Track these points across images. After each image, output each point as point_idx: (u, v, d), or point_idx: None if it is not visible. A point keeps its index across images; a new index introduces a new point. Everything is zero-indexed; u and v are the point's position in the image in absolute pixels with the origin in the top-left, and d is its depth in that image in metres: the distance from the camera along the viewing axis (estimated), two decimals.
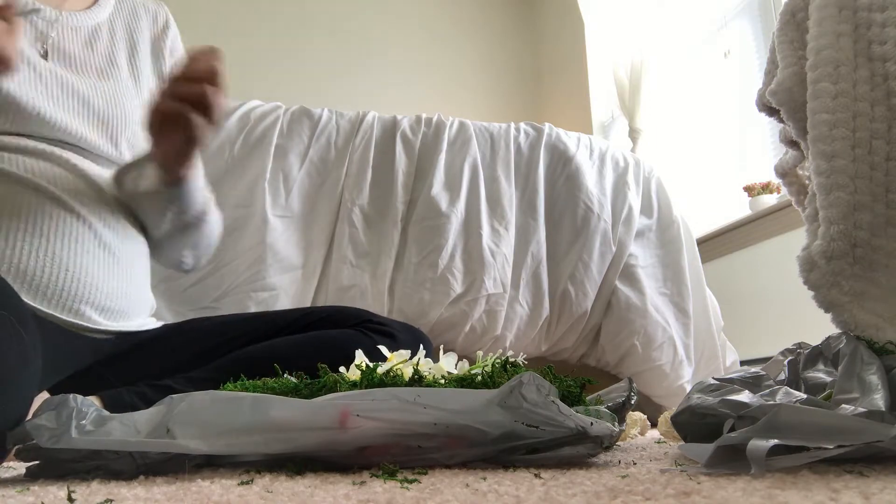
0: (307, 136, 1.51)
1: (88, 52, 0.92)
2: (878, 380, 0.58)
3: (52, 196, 0.80)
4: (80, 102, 0.87)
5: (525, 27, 3.64)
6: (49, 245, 0.78)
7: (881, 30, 0.75)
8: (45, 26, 0.88)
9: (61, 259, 0.79)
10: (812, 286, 0.74)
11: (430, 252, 1.45)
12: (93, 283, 0.82)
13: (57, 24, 0.90)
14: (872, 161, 0.73)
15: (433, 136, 1.56)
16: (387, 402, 0.53)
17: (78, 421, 0.54)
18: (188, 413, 0.54)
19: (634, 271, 1.57)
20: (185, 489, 0.46)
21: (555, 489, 0.44)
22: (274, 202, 1.43)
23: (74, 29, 0.92)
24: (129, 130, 0.93)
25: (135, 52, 1.00)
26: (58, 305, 0.79)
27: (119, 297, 0.86)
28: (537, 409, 0.54)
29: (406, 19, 3.44)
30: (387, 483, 0.48)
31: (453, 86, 3.42)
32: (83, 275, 0.81)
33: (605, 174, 1.64)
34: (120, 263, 0.86)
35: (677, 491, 0.42)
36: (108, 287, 0.84)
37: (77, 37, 0.92)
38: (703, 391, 0.65)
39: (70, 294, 0.79)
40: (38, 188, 0.79)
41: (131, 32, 1.00)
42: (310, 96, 2.53)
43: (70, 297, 0.79)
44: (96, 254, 0.83)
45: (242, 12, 3.08)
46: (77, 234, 0.81)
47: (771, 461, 0.47)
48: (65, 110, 0.85)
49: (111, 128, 0.91)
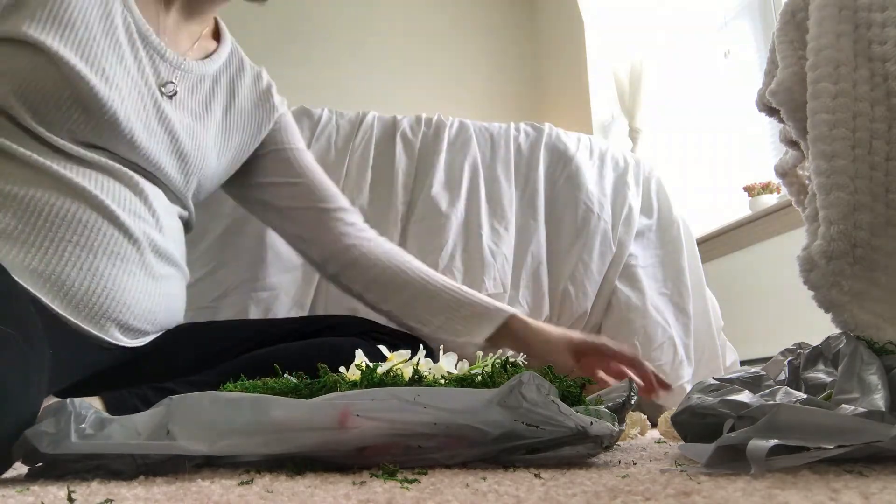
0: (307, 136, 1.50)
1: (189, 96, 0.98)
2: (878, 380, 0.58)
3: (110, 215, 0.83)
4: (170, 138, 0.92)
5: (525, 27, 3.64)
6: (94, 260, 0.81)
7: (881, 30, 0.75)
8: (168, 71, 0.94)
9: (102, 275, 0.81)
10: (812, 286, 0.74)
11: (430, 252, 1.45)
12: (126, 303, 0.84)
13: (178, 72, 0.95)
14: (872, 161, 0.73)
15: (433, 136, 1.56)
16: (387, 401, 0.53)
17: (77, 425, 0.54)
18: (188, 414, 0.54)
19: (634, 271, 1.57)
20: (185, 489, 0.46)
21: (555, 489, 0.44)
22: None
23: (185, 74, 0.97)
24: (202, 172, 0.98)
25: (231, 102, 1.05)
26: (85, 317, 0.80)
27: (147, 320, 0.88)
28: (537, 409, 0.54)
29: (406, 19, 3.44)
30: (387, 483, 0.48)
31: (453, 86, 3.41)
32: (119, 293, 0.83)
33: (605, 174, 1.64)
34: (159, 288, 0.89)
35: (677, 491, 0.42)
36: (140, 309, 0.86)
37: (184, 81, 0.97)
38: (703, 391, 0.65)
39: (101, 310, 0.81)
40: (99, 205, 0.82)
41: (233, 85, 1.06)
42: (310, 96, 2.53)
43: (100, 312, 0.81)
44: (139, 276, 0.85)
45: (242, 12, 3.08)
46: (124, 254, 0.84)
47: (771, 461, 0.47)
48: (154, 141, 0.90)
49: (188, 165, 0.95)
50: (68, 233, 0.79)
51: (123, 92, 0.86)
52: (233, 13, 1.11)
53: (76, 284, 0.79)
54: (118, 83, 0.85)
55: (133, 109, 0.87)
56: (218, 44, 1.06)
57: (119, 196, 0.85)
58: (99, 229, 0.82)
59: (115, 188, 0.85)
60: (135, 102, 0.87)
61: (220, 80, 1.04)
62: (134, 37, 0.90)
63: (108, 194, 0.84)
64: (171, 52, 0.94)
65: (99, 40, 0.85)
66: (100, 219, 0.82)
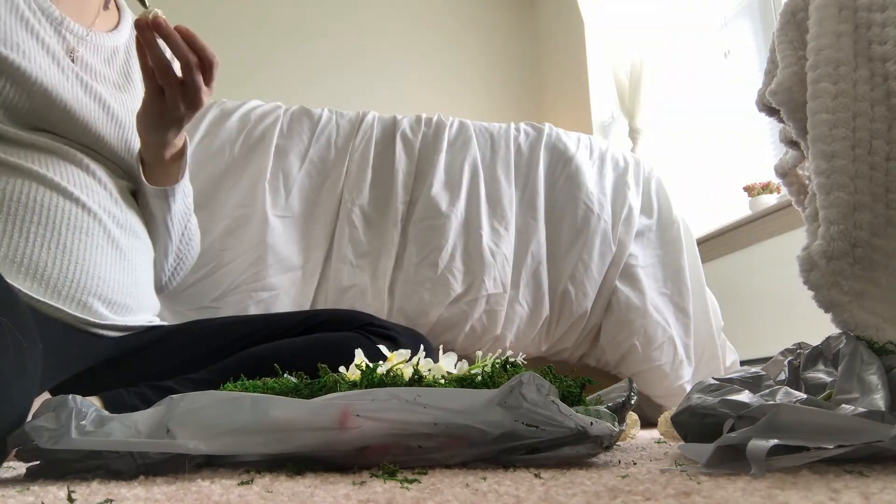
0: (307, 136, 1.51)
1: (107, 68, 0.98)
2: (878, 380, 0.58)
3: (65, 192, 0.83)
4: (101, 106, 0.92)
5: (525, 27, 3.64)
6: (60, 238, 0.81)
7: (881, 30, 0.75)
8: (75, 41, 0.93)
9: (72, 252, 0.81)
10: (812, 286, 0.74)
11: (430, 252, 1.45)
12: (101, 277, 0.84)
13: (84, 41, 0.94)
14: (872, 161, 0.73)
15: (433, 136, 1.56)
16: (387, 402, 0.53)
17: (77, 421, 0.54)
18: (188, 413, 0.54)
19: (634, 271, 1.57)
20: (185, 489, 0.46)
21: (555, 489, 0.44)
22: (274, 202, 1.43)
23: (97, 47, 0.96)
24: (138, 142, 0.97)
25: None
26: (66, 298, 0.80)
27: (125, 292, 0.88)
28: (537, 409, 0.54)
29: (406, 19, 3.44)
30: (387, 483, 0.48)
31: (453, 86, 3.42)
32: (92, 268, 0.83)
33: (605, 174, 1.64)
34: (127, 259, 0.89)
35: (677, 491, 0.42)
36: (116, 282, 0.86)
37: (98, 54, 0.97)
38: (703, 391, 0.65)
39: (79, 286, 0.81)
40: (52, 184, 0.82)
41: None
42: (310, 96, 2.53)
43: (79, 289, 0.81)
44: (105, 249, 0.86)
45: (242, 12, 3.08)
46: (88, 228, 0.84)
47: (771, 461, 0.47)
48: (87, 111, 0.90)
49: (126, 133, 0.95)
50: (28, 214, 0.80)
51: (43, 65, 0.85)
52: (233, 13, 1.10)
53: (49, 265, 0.79)
54: (35, 57, 0.85)
55: (58, 81, 0.86)
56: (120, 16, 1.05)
57: (68, 174, 0.85)
58: (57, 206, 0.82)
59: (63, 167, 0.85)
60: (56, 75, 0.87)
61: (131, 52, 1.02)
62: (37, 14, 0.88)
63: (58, 173, 0.84)
64: (74, 24, 0.93)
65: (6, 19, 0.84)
66: (56, 195, 0.82)
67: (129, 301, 0.89)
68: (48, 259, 0.79)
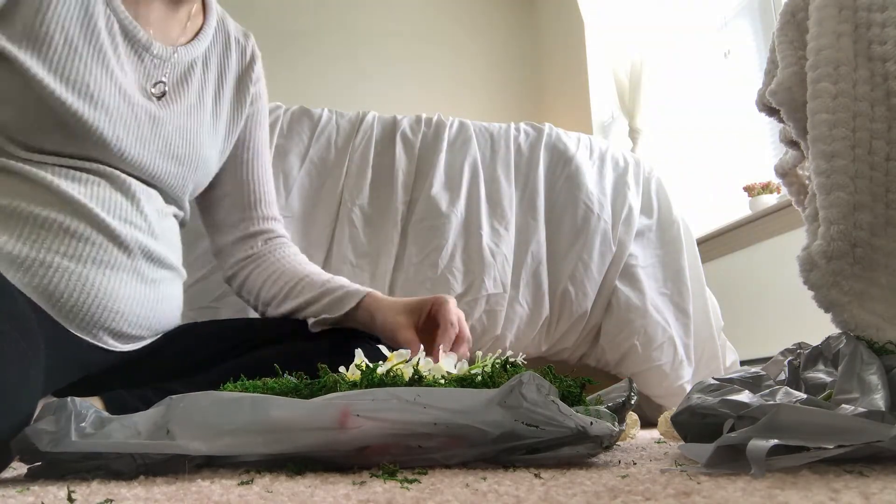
0: (307, 136, 1.51)
1: (183, 88, 0.93)
2: (878, 380, 0.58)
3: (101, 224, 0.80)
4: (165, 145, 0.88)
5: (525, 27, 3.64)
6: (84, 270, 0.78)
7: (881, 30, 0.75)
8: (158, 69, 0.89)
9: (92, 286, 0.79)
10: (812, 286, 0.74)
11: (430, 252, 1.45)
12: (119, 311, 0.82)
13: (169, 64, 0.90)
14: (872, 161, 0.73)
15: (433, 136, 1.56)
16: (387, 402, 0.53)
17: (77, 423, 0.54)
18: (188, 413, 0.54)
19: (634, 271, 1.57)
20: (185, 489, 0.46)
21: (555, 489, 0.44)
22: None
23: (174, 65, 0.92)
24: (198, 173, 0.95)
25: (220, 89, 1.00)
26: (77, 326, 0.79)
27: (141, 326, 0.86)
28: (537, 409, 0.54)
29: (406, 19, 3.44)
30: (387, 483, 0.48)
31: (453, 86, 3.42)
32: (111, 303, 0.80)
33: (605, 174, 1.64)
34: (153, 293, 0.87)
35: (677, 491, 0.42)
36: (133, 316, 0.84)
37: (174, 73, 0.92)
38: (703, 391, 0.65)
39: (92, 320, 0.79)
40: (90, 215, 0.79)
41: (222, 68, 1.00)
42: (310, 96, 2.53)
43: (91, 322, 0.79)
44: (129, 283, 0.83)
45: (242, 12, 3.08)
46: (115, 263, 0.81)
47: (771, 461, 0.47)
48: (147, 153, 0.86)
49: (184, 169, 0.92)
50: (55, 243, 0.77)
51: (111, 107, 0.82)
52: (232, 13, 1.10)
53: (65, 296, 0.77)
54: (104, 99, 0.81)
55: (122, 124, 0.83)
56: (204, 18, 0.99)
57: (109, 202, 0.82)
58: (87, 238, 0.79)
59: (105, 193, 0.82)
60: (123, 116, 0.83)
61: (210, 62, 0.98)
62: (117, 39, 0.85)
63: (97, 201, 0.81)
64: (159, 46, 0.89)
65: (81, 52, 0.80)
66: (88, 228, 0.79)
67: (143, 333, 0.87)
68: (65, 290, 0.76)
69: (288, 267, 1.02)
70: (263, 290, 1.01)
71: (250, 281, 1.03)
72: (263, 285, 1.01)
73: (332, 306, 0.95)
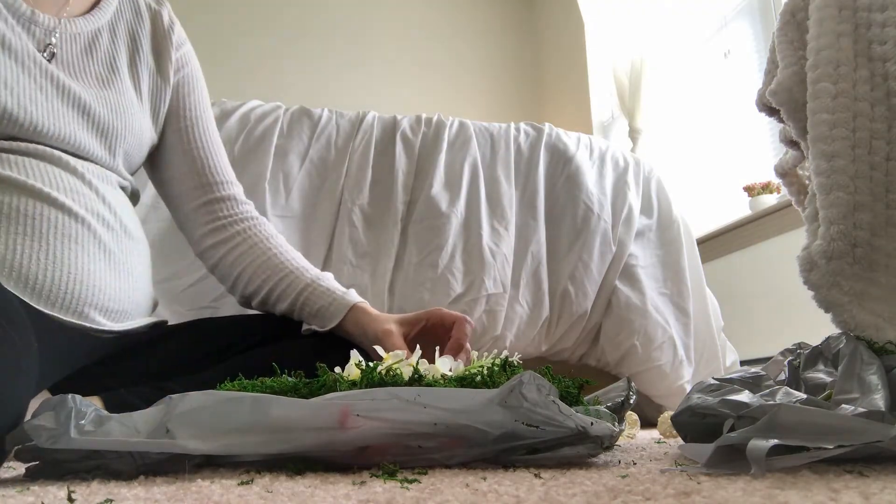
0: (307, 136, 1.51)
1: (88, 59, 0.91)
2: (878, 380, 0.58)
3: (48, 198, 0.79)
4: (81, 112, 0.86)
5: (525, 27, 3.64)
6: (50, 248, 0.77)
7: (881, 30, 0.75)
8: (44, 34, 0.87)
9: (63, 261, 0.78)
10: (812, 286, 0.74)
11: (430, 252, 1.45)
12: (96, 285, 0.81)
13: (56, 32, 0.88)
14: (872, 161, 0.73)
15: (433, 136, 1.56)
16: (387, 401, 0.53)
17: (77, 421, 0.54)
18: (188, 413, 0.54)
19: (634, 271, 1.57)
20: (185, 489, 0.46)
21: (555, 489, 0.44)
22: (274, 202, 1.43)
23: (74, 35, 0.90)
24: (127, 141, 0.92)
25: (137, 56, 0.97)
26: (62, 308, 0.78)
27: (121, 299, 0.85)
28: (537, 409, 0.54)
29: (406, 19, 3.44)
30: (387, 483, 0.48)
31: (453, 86, 3.42)
32: (86, 277, 0.80)
33: (605, 174, 1.64)
34: (120, 265, 0.86)
35: (677, 491, 0.42)
36: (112, 289, 0.83)
37: (76, 44, 0.90)
38: (703, 391, 0.65)
39: (74, 297, 0.79)
40: (34, 190, 0.78)
41: (133, 35, 0.98)
42: (310, 96, 2.53)
43: (74, 300, 0.79)
44: (97, 255, 0.82)
45: (242, 12, 3.08)
46: (76, 235, 0.80)
47: (771, 461, 0.47)
48: (65, 121, 0.84)
49: (111, 138, 0.90)
50: (11, 224, 0.75)
51: (10, 81, 0.79)
52: (233, 13, 1.09)
53: (40, 277, 0.76)
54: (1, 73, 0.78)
55: (29, 98, 0.80)
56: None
57: (51, 178, 0.80)
58: (42, 214, 0.77)
59: (45, 170, 0.80)
60: (27, 89, 0.80)
61: (118, 31, 0.95)
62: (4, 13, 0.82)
63: (39, 178, 0.79)
64: (45, 17, 0.86)
65: None
66: (39, 203, 0.78)
67: (127, 307, 0.86)
68: (38, 270, 0.75)
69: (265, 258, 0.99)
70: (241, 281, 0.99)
71: (224, 266, 1.00)
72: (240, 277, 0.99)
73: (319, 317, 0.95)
